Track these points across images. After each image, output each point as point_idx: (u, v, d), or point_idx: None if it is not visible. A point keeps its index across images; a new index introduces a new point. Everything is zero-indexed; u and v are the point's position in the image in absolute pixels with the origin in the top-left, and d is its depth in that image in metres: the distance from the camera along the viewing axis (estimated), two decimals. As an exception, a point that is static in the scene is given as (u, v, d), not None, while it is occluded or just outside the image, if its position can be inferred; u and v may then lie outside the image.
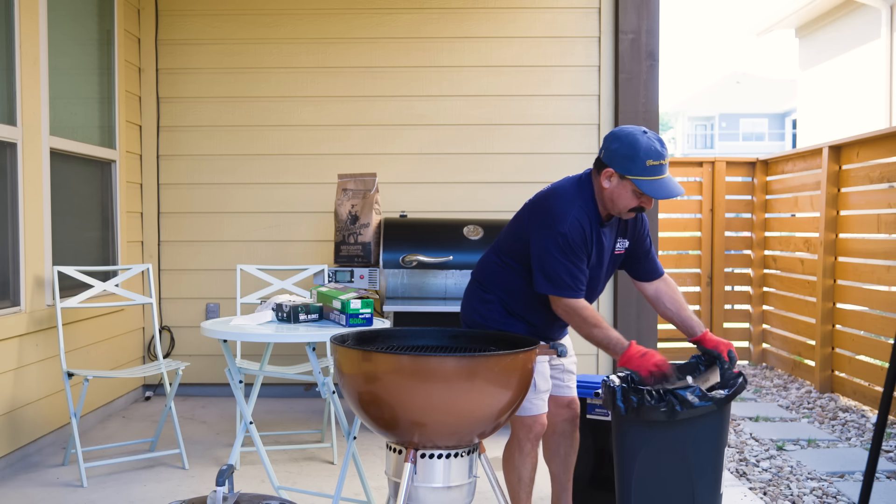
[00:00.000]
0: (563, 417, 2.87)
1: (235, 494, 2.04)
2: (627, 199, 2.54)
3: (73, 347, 4.21)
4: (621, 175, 2.51)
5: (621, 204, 2.55)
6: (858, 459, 4.22)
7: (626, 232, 2.72)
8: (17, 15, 3.77)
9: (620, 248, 2.72)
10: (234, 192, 5.27)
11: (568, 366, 2.88)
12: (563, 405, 2.87)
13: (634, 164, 2.48)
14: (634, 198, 2.53)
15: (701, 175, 7.02)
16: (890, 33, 9.07)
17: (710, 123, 37.63)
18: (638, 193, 2.52)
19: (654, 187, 2.49)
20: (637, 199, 2.54)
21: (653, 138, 2.51)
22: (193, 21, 5.25)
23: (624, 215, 2.59)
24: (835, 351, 5.80)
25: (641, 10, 5.07)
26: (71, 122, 4.43)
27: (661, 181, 2.50)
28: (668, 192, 2.50)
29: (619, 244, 2.71)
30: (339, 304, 3.03)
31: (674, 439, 2.55)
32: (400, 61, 5.25)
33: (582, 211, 2.55)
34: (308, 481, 3.62)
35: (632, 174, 2.49)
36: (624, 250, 2.74)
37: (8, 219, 3.75)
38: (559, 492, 2.94)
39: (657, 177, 2.49)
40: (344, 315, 3.00)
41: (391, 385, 2.15)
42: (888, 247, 5.18)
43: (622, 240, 2.71)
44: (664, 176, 2.51)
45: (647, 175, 2.48)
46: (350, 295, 3.04)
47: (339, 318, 3.04)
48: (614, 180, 2.53)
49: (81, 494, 3.43)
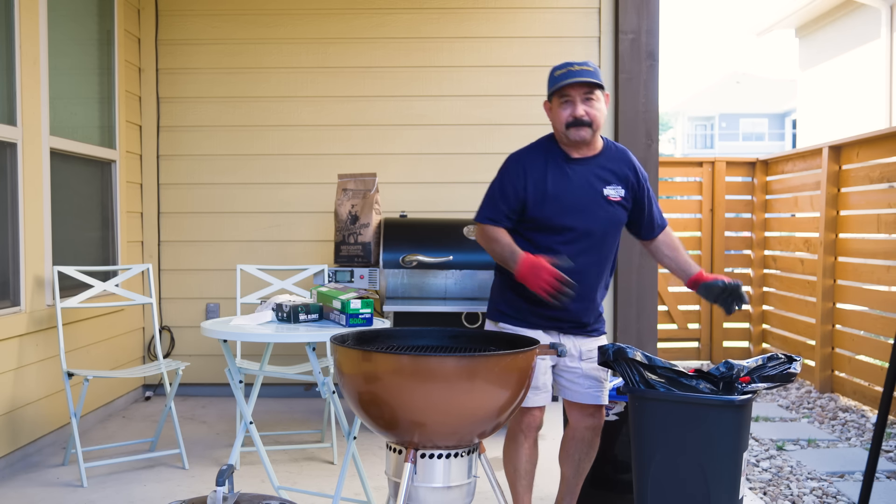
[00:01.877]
0: (586, 424, 2.85)
1: (235, 494, 2.04)
2: (558, 116, 2.68)
3: (73, 347, 4.21)
4: (549, 100, 2.73)
5: (559, 124, 2.69)
6: (858, 459, 4.22)
7: (619, 178, 2.75)
8: (17, 15, 3.77)
9: (615, 196, 2.73)
10: (234, 192, 5.27)
11: (588, 370, 2.80)
12: (587, 413, 2.84)
13: (549, 83, 2.70)
14: (561, 110, 2.67)
15: (701, 175, 7.02)
16: (890, 33, 9.07)
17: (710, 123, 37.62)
18: (559, 103, 2.67)
19: (556, 83, 2.66)
20: (564, 110, 2.66)
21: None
22: (193, 21, 5.25)
23: (573, 136, 2.66)
24: (835, 351, 5.80)
25: (641, 10, 5.07)
26: (71, 122, 4.43)
27: (563, 78, 2.65)
28: (565, 79, 2.63)
29: (613, 190, 2.73)
30: (339, 304, 3.03)
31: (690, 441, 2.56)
32: (400, 61, 5.25)
33: (534, 150, 2.76)
34: (308, 481, 3.62)
35: (549, 90, 2.70)
36: (620, 198, 2.74)
37: (8, 219, 3.75)
38: (565, 492, 2.94)
39: (564, 79, 2.64)
40: (344, 315, 3.00)
41: (391, 385, 2.15)
42: (888, 247, 5.18)
43: (616, 186, 2.73)
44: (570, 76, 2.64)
45: (557, 82, 2.66)
46: (350, 295, 3.04)
47: (339, 318, 3.04)
48: (548, 108, 2.74)
49: (81, 494, 3.43)
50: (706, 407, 2.56)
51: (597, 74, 2.65)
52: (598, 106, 2.66)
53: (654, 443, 2.63)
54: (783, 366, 2.62)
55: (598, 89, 2.66)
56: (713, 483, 2.55)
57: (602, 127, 2.72)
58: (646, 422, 2.64)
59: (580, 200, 2.69)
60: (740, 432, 2.57)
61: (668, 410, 2.60)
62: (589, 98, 2.64)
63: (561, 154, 2.73)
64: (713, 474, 2.56)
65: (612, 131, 5.18)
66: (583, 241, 2.70)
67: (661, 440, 2.62)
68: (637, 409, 2.66)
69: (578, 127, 2.64)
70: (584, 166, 2.72)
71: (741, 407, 2.55)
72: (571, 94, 2.64)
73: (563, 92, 2.65)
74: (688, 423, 2.58)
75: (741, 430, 2.58)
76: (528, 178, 2.70)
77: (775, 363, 2.63)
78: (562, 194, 2.68)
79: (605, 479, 3.23)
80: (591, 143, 2.72)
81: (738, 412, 2.55)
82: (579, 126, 2.64)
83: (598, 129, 2.70)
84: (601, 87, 2.66)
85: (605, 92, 2.70)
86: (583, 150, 2.73)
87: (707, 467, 2.56)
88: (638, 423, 2.66)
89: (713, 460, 2.56)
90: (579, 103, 2.63)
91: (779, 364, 2.62)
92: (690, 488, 2.58)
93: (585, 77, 2.62)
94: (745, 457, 2.64)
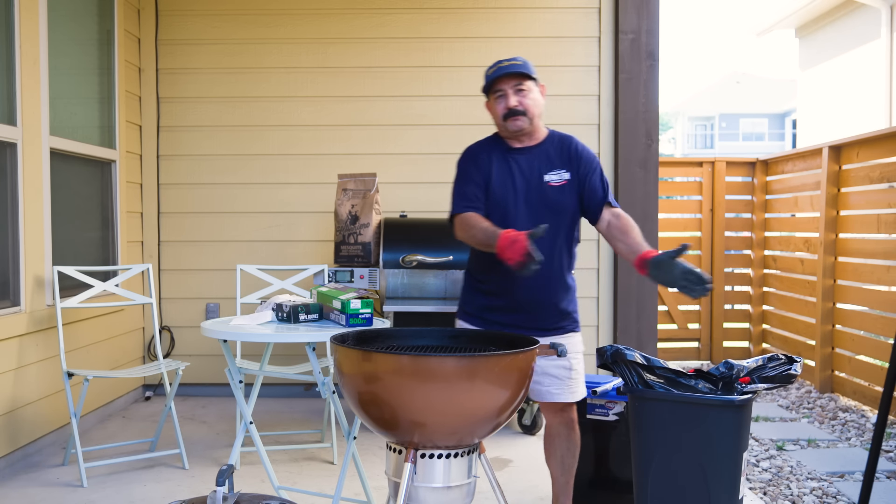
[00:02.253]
0: (557, 420, 2.87)
1: (235, 494, 2.04)
2: (495, 111, 2.78)
3: (73, 347, 4.21)
4: (487, 98, 2.82)
5: (497, 119, 2.79)
6: (858, 459, 4.22)
7: (562, 163, 2.79)
8: (17, 15, 3.77)
9: (557, 181, 2.77)
10: (234, 192, 5.27)
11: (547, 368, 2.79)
12: (556, 409, 2.86)
13: (484, 82, 2.80)
14: (496, 105, 2.77)
15: (701, 175, 7.02)
16: (890, 33, 9.07)
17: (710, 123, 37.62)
18: (494, 99, 2.77)
19: (488, 79, 2.77)
20: (498, 105, 2.76)
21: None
22: (193, 21, 5.25)
23: (511, 126, 2.74)
24: (835, 351, 5.80)
25: (641, 10, 5.07)
26: (71, 122, 4.43)
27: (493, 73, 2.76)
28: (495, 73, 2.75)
29: (556, 175, 2.77)
30: (339, 304, 3.03)
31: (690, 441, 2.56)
32: (400, 61, 5.25)
33: (480, 145, 2.86)
34: (308, 481, 3.62)
35: (484, 89, 2.81)
36: (564, 182, 2.77)
37: (8, 219, 3.75)
38: (558, 493, 2.94)
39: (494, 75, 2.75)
40: (344, 315, 3.00)
41: (391, 385, 2.15)
42: (888, 247, 5.18)
43: (559, 171, 2.78)
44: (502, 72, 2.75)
45: (488, 80, 2.78)
46: (350, 295, 3.04)
47: (339, 318, 3.04)
48: (488, 106, 2.83)
49: (81, 494, 3.43)
50: (706, 407, 2.56)
51: (526, 67, 2.76)
52: (531, 96, 2.75)
53: (654, 443, 2.63)
54: (783, 367, 2.61)
55: (529, 80, 2.76)
56: (713, 483, 2.55)
57: (540, 116, 2.81)
58: (646, 422, 2.64)
59: (523, 188, 2.77)
60: (740, 432, 2.57)
61: (668, 410, 2.60)
62: (521, 89, 2.74)
63: (504, 146, 2.83)
64: (713, 474, 2.56)
65: (612, 131, 5.18)
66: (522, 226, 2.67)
67: (661, 440, 2.62)
68: (637, 410, 2.66)
69: (514, 117, 2.74)
70: (526, 155, 2.80)
71: (741, 407, 2.55)
72: (503, 87, 2.74)
73: (495, 87, 2.76)
74: (688, 423, 2.58)
75: (741, 430, 2.58)
76: (478, 162, 2.83)
77: (775, 364, 2.63)
78: (506, 184, 2.77)
79: (605, 479, 3.23)
80: (532, 133, 2.81)
81: (737, 412, 2.55)
82: (515, 116, 2.73)
83: (535, 117, 2.78)
84: (532, 77, 2.76)
85: (539, 83, 2.80)
86: (524, 141, 2.81)
87: (707, 467, 2.56)
88: (638, 423, 2.66)
89: (713, 460, 2.56)
90: (511, 95, 2.73)
91: (779, 365, 2.62)
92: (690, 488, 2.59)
93: (513, 70, 2.73)
94: (745, 457, 2.64)
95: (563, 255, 2.81)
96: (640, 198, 5.09)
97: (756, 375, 2.62)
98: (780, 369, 2.61)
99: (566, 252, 2.82)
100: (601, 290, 5.13)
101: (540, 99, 2.79)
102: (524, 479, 3.63)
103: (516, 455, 3.97)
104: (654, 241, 5.11)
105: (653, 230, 5.10)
